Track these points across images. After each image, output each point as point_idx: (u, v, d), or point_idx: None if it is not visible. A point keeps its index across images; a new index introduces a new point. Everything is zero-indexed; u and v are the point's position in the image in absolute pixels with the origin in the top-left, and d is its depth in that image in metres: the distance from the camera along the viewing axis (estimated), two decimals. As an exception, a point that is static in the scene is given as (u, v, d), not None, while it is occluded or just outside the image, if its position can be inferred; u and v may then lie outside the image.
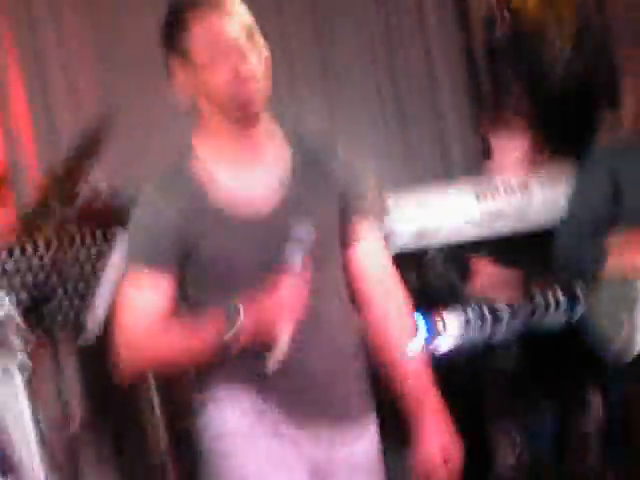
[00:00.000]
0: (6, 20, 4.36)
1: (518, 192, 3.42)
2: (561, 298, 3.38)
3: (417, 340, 2.11)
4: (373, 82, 5.10)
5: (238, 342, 1.88)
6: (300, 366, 1.96)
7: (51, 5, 4.45)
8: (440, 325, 3.33)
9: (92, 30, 4.46)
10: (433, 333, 3.31)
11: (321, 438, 2.02)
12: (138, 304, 1.97)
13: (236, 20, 1.96)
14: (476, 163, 4.33)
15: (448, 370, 3.15)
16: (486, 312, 3.35)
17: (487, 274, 3.54)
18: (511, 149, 3.72)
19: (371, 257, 2.11)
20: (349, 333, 2.09)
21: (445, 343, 3.33)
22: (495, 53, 5.02)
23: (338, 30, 5.01)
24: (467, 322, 3.35)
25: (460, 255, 3.48)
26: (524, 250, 3.46)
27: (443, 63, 5.23)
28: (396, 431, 2.14)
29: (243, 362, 1.94)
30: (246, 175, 2.01)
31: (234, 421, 1.99)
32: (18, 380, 3.09)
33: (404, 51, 5.15)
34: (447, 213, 3.40)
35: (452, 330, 3.34)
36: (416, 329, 2.19)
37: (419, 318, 3.28)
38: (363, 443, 2.08)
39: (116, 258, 3.21)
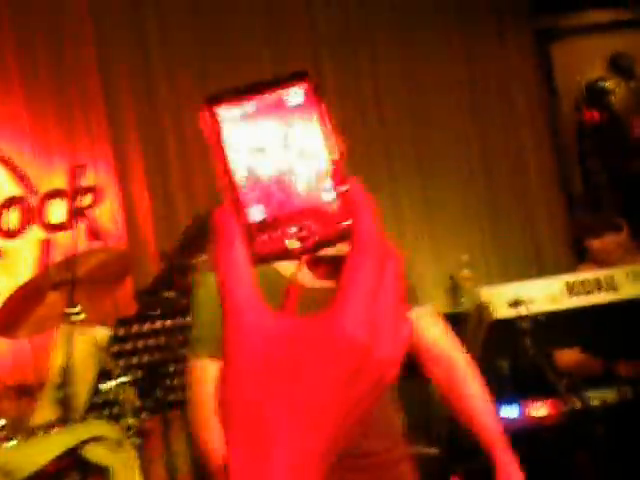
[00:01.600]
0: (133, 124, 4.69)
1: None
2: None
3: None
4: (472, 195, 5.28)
5: None
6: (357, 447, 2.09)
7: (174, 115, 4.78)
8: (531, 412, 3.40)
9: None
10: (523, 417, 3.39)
11: None
12: (206, 398, 2.06)
13: None
14: (569, 263, 4.43)
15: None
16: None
17: (575, 365, 3.61)
18: (609, 248, 3.78)
19: (425, 326, 2.31)
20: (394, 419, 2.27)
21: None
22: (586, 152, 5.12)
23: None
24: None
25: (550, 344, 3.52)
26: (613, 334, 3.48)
27: (535, 162, 5.37)
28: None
29: None
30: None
31: None
32: (131, 455, 3.26)
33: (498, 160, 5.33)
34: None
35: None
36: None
37: (512, 405, 3.37)
38: None
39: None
